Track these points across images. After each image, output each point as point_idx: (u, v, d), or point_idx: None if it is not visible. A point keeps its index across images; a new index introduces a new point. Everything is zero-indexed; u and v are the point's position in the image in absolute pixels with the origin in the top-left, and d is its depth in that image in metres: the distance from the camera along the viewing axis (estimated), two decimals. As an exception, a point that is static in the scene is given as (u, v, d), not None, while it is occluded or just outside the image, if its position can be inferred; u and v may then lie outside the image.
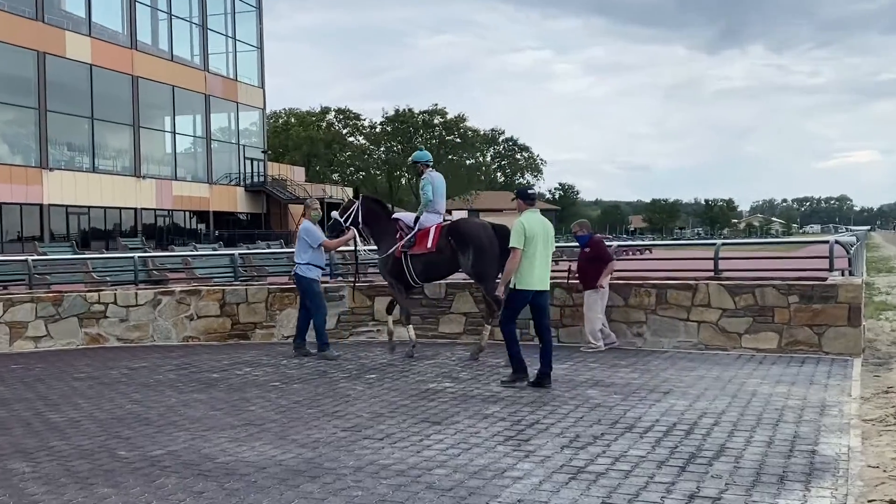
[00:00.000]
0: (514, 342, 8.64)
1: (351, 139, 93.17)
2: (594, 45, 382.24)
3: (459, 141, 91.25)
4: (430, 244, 10.40)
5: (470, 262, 10.18)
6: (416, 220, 10.64)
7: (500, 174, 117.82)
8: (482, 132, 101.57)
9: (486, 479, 5.45)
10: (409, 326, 10.80)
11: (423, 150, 11.25)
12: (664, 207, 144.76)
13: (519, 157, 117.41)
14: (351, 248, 11.71)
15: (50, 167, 41.60)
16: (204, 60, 53.59)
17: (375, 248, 11.20)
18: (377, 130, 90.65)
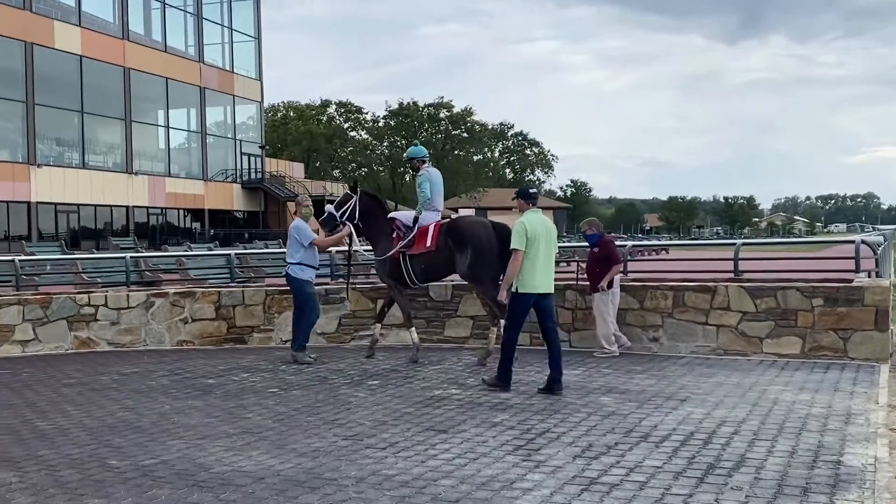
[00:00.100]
0: (510, 353, 8.65)
1: (352, 134, 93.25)
2: (607, 34, 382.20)
3: (466, 135, 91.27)
4: (429, 243, 10.42)
5: (467, 262, 10.20)
6: (415, 219, 10.65)
7: (508, 170, 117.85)
8: (490, 126, 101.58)
9: (494, 490, 5.45)
10: (411, 329, 10.81)
11: (418, 145, 11.28)
12: (681, 205, 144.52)
13: (529, 152, 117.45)
14: (344, 246, 11.66)
15: (38, 163, 41.71)
16: (199, 51, 53.69)
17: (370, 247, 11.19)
18: (380, 124, 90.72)
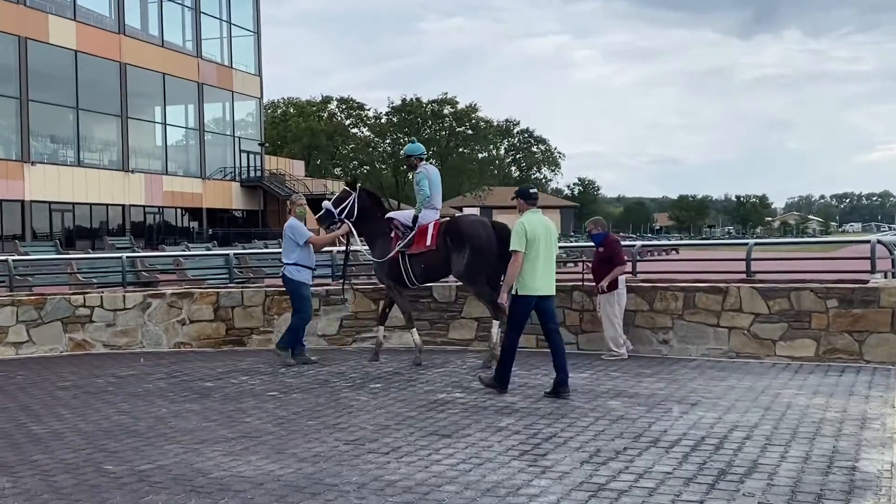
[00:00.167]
0: (511, 356, 8.67)
1: (354, 131, 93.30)
2: (615, 29, 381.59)
3: (471, 133, 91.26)
4: (429, 242, 10.44)
5: (464, 261, 10.22)
6: (414, 218, 10.66)
7: (514, 168, 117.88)
8: (495, 123, 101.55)
9: (499, 496, 5.45)
10: (412, 330, 10.83)
11: (415, 141, 11.31)
12: (692, 204, 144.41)
13: (535, 149, 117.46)
14: (341, 245, 11.66)
15: (32, 161, 41.81)
16: (197, 46, 53.77)
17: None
18: (382, 121, 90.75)
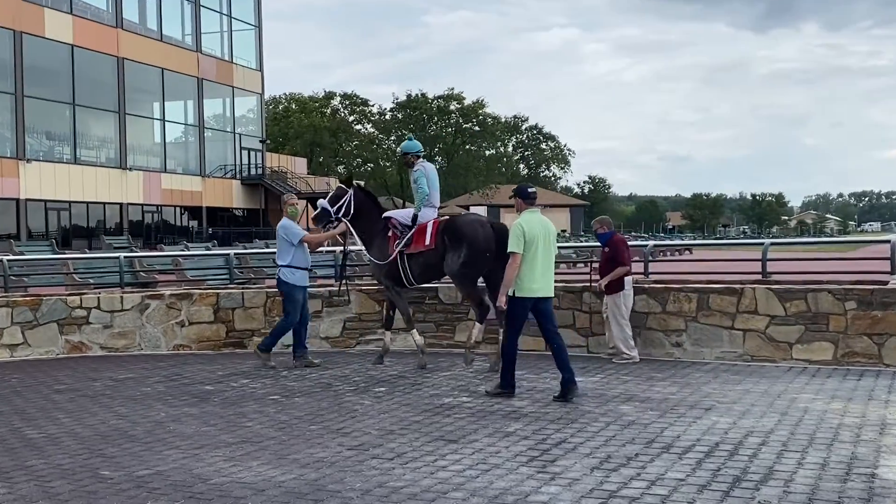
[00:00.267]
0: (512, 359, 8.73)
1: (358, 127, 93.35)
2: (625, 22, 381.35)
3: (478, 129, 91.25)
4: (428, 241, 10.48)
5: (460, 260, 10.25)
6: (413, 217, 10.70)
7: (522, 166, 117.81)
8: (503, 119, 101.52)
9: (507, 503, 5.45)
10: (413, 332, 10.87)
11: (412, 139, 11.35)
12: (706, 203, 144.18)
13: (544, 146, 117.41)
14: (331, 246, 11.69)
15: (27, 158, 41.91)
16: (196, 41, 53.85)
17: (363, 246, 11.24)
18: (387, 118, 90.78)
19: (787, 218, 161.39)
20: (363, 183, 69.30)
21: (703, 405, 8.25)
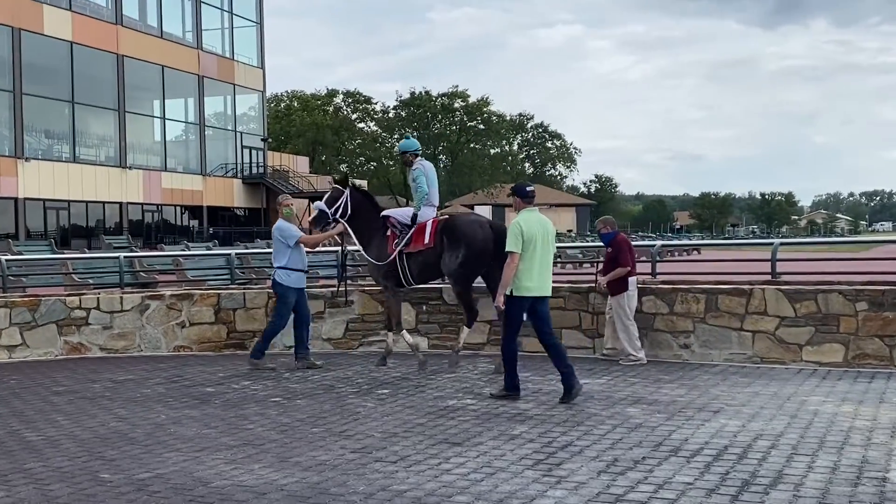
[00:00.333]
0: (513, 360, 8.77)
1: (361, 125, 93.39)
2: (631, 18, 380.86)
3: (483, 127, 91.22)
4: (427, 240, 10.56)
5: (458, 260, 10.34)
6: (413, 216, 10.76)
7: (528, 165, 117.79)
8: (508, 117, 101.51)
9: (512, 507, 5.45)
10: (403, 333, 10.99)
11: (410, 137, 11.47)
12: (714, 202, 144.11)
13: (549, 145, 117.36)
14: (331, 246, 11.75)
15: (26, 157, 41.99)
16: (197, 37, 53.92)
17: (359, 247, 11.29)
18: (390, 116, 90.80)
19: (796, 217, 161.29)
20: (365, 183, 69.40)
21: (711, 408, 8.24)
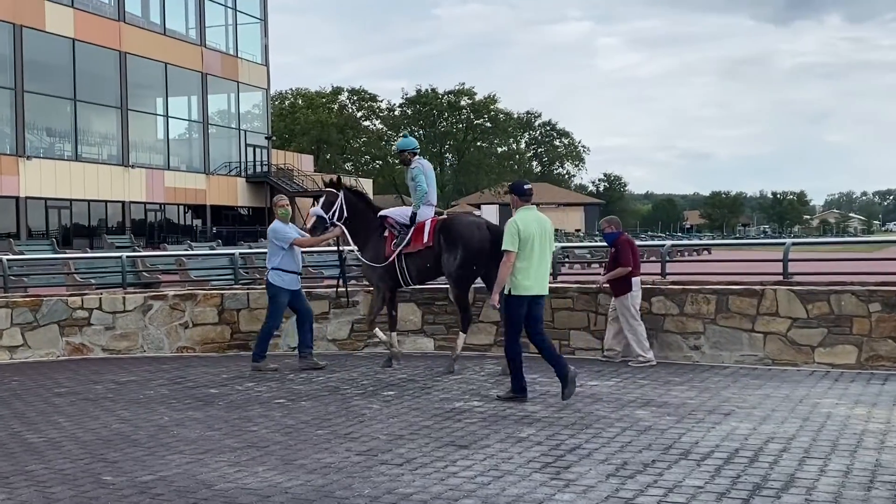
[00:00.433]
0: (518, 361, 8.81)
1: (366, 123, 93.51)
2: (641, 14, 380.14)
3: (490, 125, 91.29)
4: (426, 239, 10.63)
5: (457, 262, 10.42)
6: (412, 216, 10.80)
7: (535, 163, 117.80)
8: (515, 115, 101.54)
9: (520, 511, 5.45)
10: (376, 329, 11.11)
11: (408, 136, 11.51)
12: (725, 201, 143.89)
13: (557, 143, 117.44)
14: (327, 247, 11.82)
15: (27, 155, 42.07)
16: (200, 34, 53.98)
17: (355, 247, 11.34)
18: (396, 113, 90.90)
19: (809, 217, 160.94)
20: (370, 182, 69.32)
21: (722, 410, 8.23)
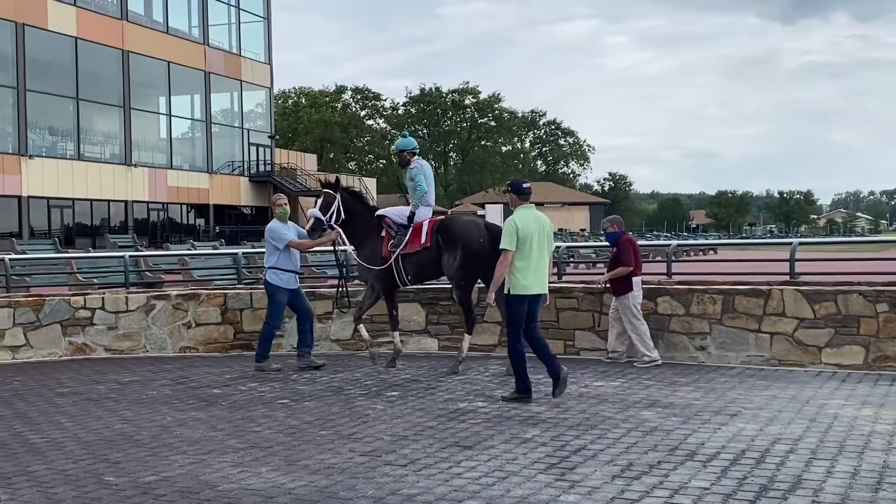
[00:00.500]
0: (522, 361, 8.83)
1: (370, 122, 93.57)
2: (650, 13, 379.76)
3: (494, 124, 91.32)
4: (423, 240, 10.67)
5: (456, 263, 10.46)
6: (410, 215, 10.85)
7: (540, 162, 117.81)
8: (520, 114, 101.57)
9: (524, 512, 5.45)
10: (360, 326, 11.18)
11: (406, 136, 11.54)
12: (731, 201, 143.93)
13: (562, 142, 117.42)
14: (325, 248, 11.86)
15: (29, 154, 42.13)
16: (203, 33, 54.04)
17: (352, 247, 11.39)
18: (399, 112, 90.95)
19: (815, 216, 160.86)
20: (374, 181, 69.29)
21: (728, 411, 8.22)
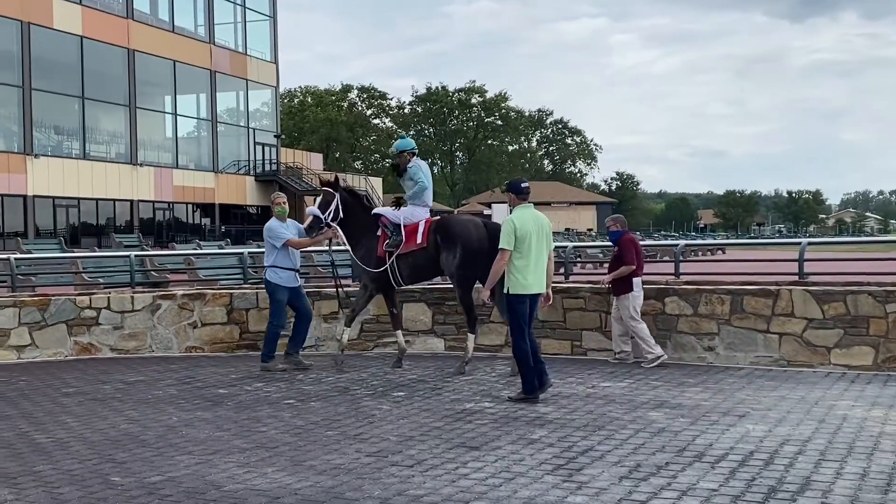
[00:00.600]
0: (526, 361, 8.84)
1: (376, 121, 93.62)
2: (656, 11, 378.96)
3: (500, 123, 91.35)
4: (420, 239, 10.69)
5: (456, 262, 10.49)
6: (399, 210, 10.91)
7: (547, 161, 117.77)
8: (527, 113, 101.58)
9: (531, 513, 5.45)
10: (346, 329, 11.20)
11: (405, 136, 11.62)
12: (739, 200, 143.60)
13: (569, 141, 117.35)
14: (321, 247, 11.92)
15: (35, 153, 42.26)
16: (209, 32, 54.14)
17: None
18: (406, 111, 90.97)
19: (824, 216, 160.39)
20: (380, 181, 69.32)
21: (736, 412, 8.21)
